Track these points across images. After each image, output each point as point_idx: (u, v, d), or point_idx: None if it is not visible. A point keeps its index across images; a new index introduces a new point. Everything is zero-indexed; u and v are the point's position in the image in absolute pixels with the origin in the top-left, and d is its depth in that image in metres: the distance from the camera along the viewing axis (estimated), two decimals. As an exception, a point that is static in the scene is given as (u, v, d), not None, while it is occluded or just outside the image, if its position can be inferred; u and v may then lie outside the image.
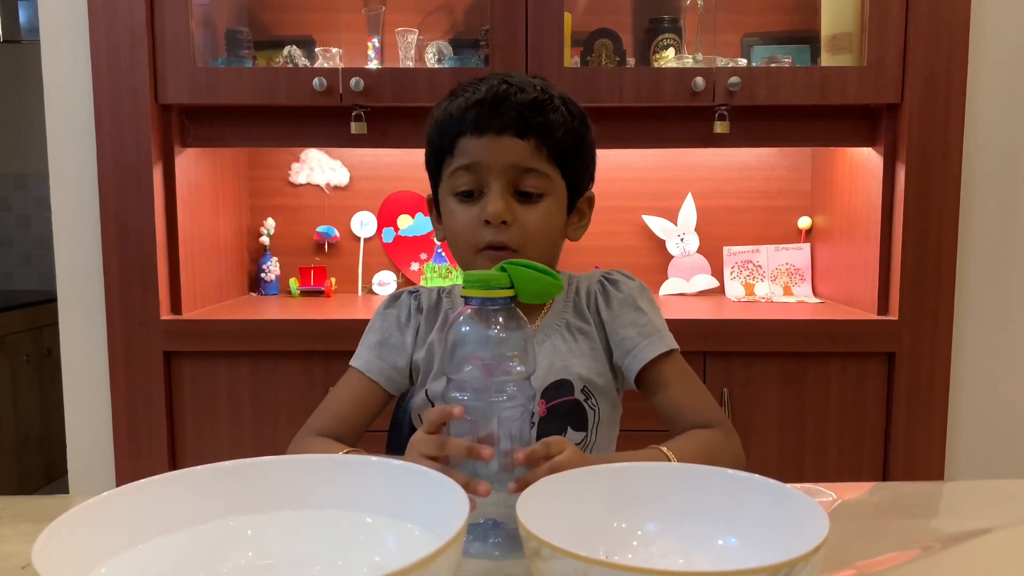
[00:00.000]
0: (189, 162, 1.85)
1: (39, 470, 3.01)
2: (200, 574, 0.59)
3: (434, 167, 1.01)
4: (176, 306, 1.81)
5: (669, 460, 0.83)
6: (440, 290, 1.07)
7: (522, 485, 0.64)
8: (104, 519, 0.57)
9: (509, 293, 0.74)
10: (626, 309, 1.00)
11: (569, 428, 0.98)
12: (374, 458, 0.68)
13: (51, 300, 2.69)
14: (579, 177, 0.99)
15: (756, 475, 0.65)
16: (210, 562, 0.59)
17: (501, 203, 0.92)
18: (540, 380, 0.97)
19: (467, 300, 0.74)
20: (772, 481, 0.64)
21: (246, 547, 0.62)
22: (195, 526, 0.61)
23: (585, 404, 0.98)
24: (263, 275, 2.14)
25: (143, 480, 0.61)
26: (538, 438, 0.98)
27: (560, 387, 0.98)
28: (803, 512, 0.59)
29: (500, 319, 0.73)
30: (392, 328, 1.04)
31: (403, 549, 0.61)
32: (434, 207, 1.04)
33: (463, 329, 0.73)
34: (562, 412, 0.98)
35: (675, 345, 0.99)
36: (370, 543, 0.62)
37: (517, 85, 0.94)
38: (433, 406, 1.00)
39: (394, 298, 1.07)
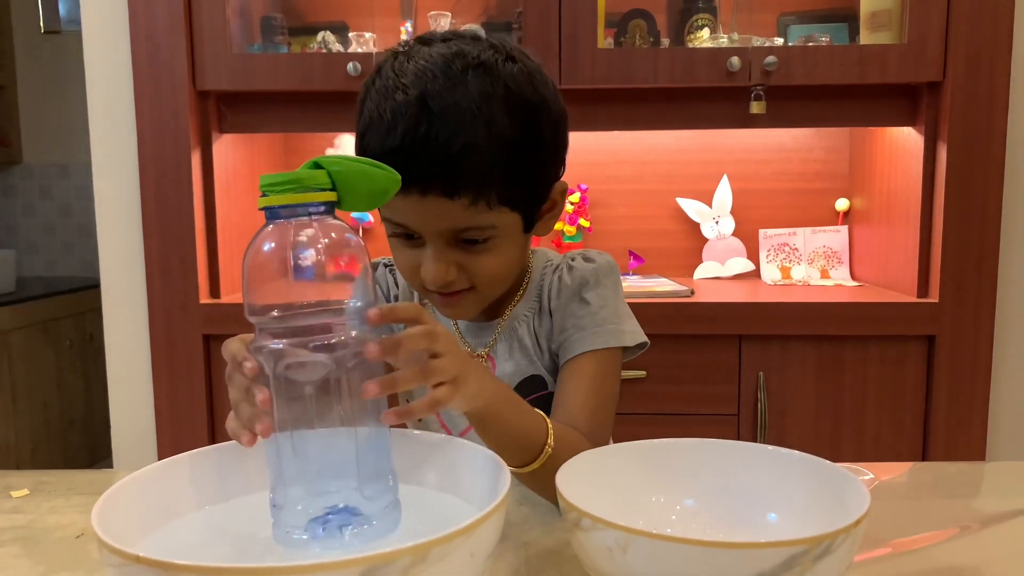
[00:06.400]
0: (227, 148, 1.88)
1: (84, 452, 3.09)
2: (248, 541, 0.61)
3: None
4: (215, 290, 1.84)
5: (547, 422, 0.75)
6: None
7: (402, 414, 0.59)
8: (157, 488, 0.59)
9: (330, 197, 0.55)
10: (571, 300, 0.90)
11: None
12: (417, 432, 0.69)
13: (93, 286, 2.75)
14: (535, 199, 0.83)
15: (795, 451, 0.65)
16: (258, 529, 0.61)
17: (440, 266, 0.78)
18: (510, 377, 0.91)
19: (269, 213, 0.54)
20: (811, 456, 0.64)
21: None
22: (244, 495, 0.63)
23: None
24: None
25: (192, 451, 0.63)
26: None
27: (533, 382, 0.92)
28: (843, 487, 0.59)
29: (320, 235, 0.53)
30: (381, 301, 1.01)
31: (444, 520, 0.62)
32: None
33: (265, 248, 0.53)
34: (538, 408, 0.89)
35: (614, 343, 0.87)
36: (412, 512, 0.63)
37: (439, 117, 0.73)
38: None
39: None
